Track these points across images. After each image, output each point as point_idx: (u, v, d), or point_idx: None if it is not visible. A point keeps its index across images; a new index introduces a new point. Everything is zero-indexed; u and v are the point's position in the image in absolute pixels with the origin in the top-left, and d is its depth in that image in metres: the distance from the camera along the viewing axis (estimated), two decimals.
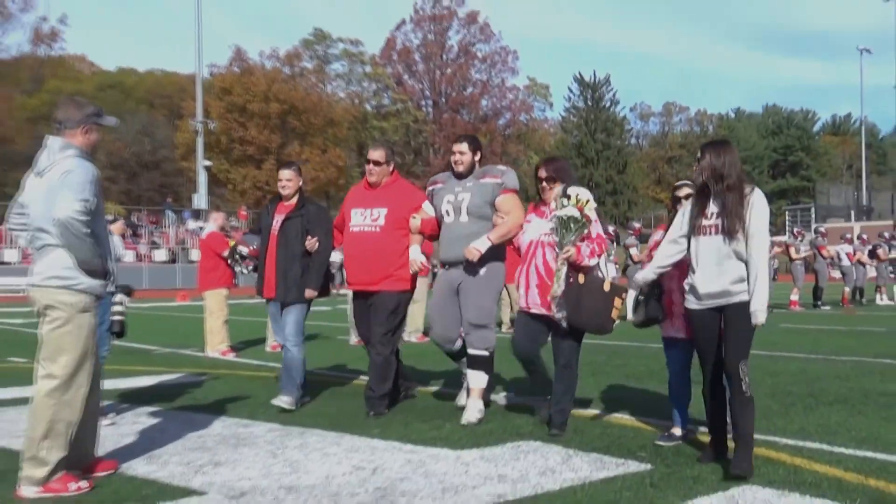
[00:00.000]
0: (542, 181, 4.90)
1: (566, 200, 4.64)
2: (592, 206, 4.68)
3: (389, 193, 5.60)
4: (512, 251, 5.19)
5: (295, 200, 5.87)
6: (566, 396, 4.79)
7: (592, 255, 4.68)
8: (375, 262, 5.45)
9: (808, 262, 17.88)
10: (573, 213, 4.60)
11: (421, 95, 54.84)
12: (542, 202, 4.94)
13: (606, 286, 4.60)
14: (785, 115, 73.31)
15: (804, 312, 15.92)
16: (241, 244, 6.09)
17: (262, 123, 44.55)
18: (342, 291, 16.59)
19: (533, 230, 4.90)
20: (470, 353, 5.19)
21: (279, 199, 5.95)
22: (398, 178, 5.81)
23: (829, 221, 45.04)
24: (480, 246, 5.00)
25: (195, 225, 34.57)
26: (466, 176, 5.29)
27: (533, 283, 4.81)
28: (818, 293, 17.42)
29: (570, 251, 4.60)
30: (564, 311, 4.58)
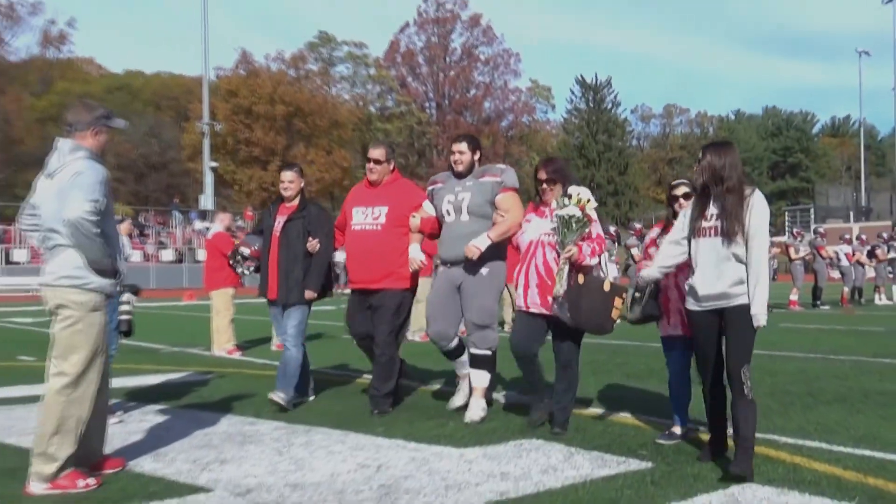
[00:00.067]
0: (542, 182, 4.89)
1: (567, 200, 4.65)
2: (593, 205, 4.68)
3: (390, 192, 5.61)
4: (513, 250, 5.16)
5: (297, 202, 5.85)
6: (567, 395, 4.81)
7: (593, 254, 4.69)
8: (376, 260, 5.45)
9: (807, 262, 17.85)
10: (575, 212, 4.60)
11: (424, 97, 54.79)
12: (542, 203, 4.93)
13: (606, 286, 4.59)
14: (784, 116, 73.22)
15: (803, 312, 15.91)
16: (242, 245, 6.06)
17: (267, 125, 44.57)
18: (346, 291, 16.58)
19: (533, 230, 4.89)
20: (472, 352, 5.20)
21: (281, 200, 5.93)
22: (399, 176, 5.81)
23: (828, 222, 44.81)
24: (480, 244, 4.98)
25: (202, 225, 34.64)
26: (466, 175, 5.28)
27: (533, 282, 4.80)
28: (817, 293, 17.41)
29: (571, 250, 4.61)
30: (567, 310, 4.58)
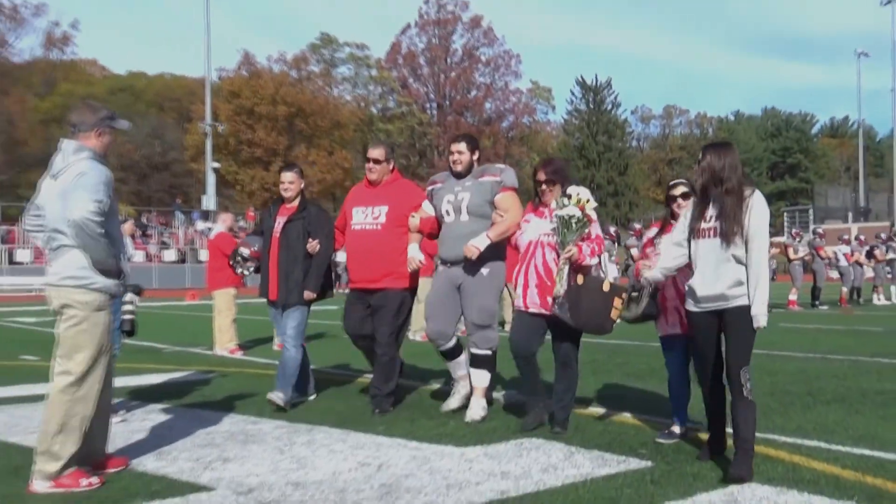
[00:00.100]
0: (540, 183, 4.89)
1: (567, 200, 4.66)
2: (593, 205, 4.70)
3: (390, 191, 5.62)
4: (512, 250, 5.16)
5: (297, 203, 5.85)
6: (567, 395, 4.83)
7: (592, 254, 4.71)
8: (377, 260, 5.46)
9: (806, 262, 17.89)
10: (574, 212, 4.61)
11: (426, 98, 54.87)
12: (541, 203, 4.93)
13: (606, 286, 4.60)
14: (784, 117, 73.22)
15: (802, 312, 15.93)
16: (242, 246, 6.06)
17: (269, 126, 44.65)
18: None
19: (532, 230, 4.89)
20: (473, 352, 5.21)
21: (281, 201, 5.93)
22: (399, 176, 5.82)
23: (826, 223, 44.76)
24: (479, 244, 4.98)
25: (204, 225, 34.67)
26: (465, 175, 5.28)
27: (532, 283, 4.81)
28: (816, 293, 17.44)
29: (571, 250, 4.62)
30: (567, 310, 4.59)
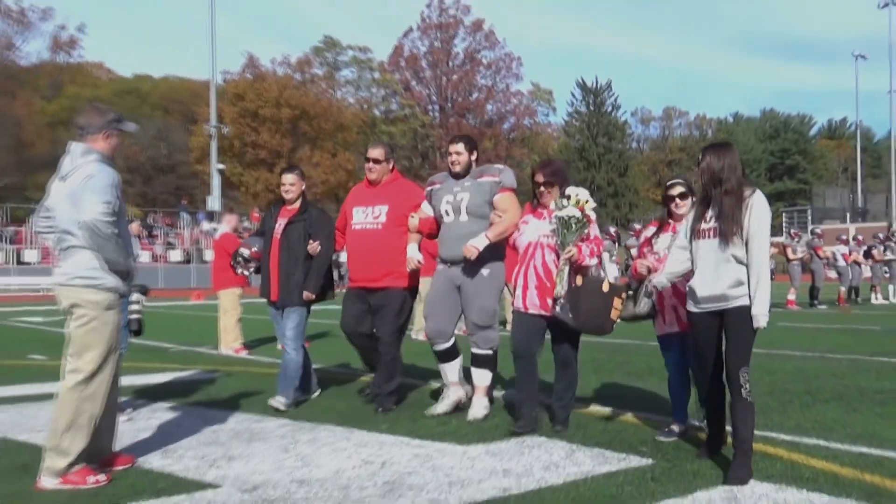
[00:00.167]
0: (539, 185, 4.90)
1: (566, 200, 4.68)
2: (592, 205, 4.71)
3: (390, 191, 5.65)
4: (511, 250, 5.15)
5: (298, 204, 5.85)
6: (568, 393, 4.86)
7: (592, 255, 4.72)
8: (377, 259, 5.49)
9: (804, 262, 17.94)
10: (574, 212, 4.63)
11: (428, 101, 54.92)
12: (539, 205, 4.94)
13: (605, 286, 4.61)
14: (782, 119, 73.10)
15: (801, 311, 15.99)
16: (242, 247, 6.07)
17: (273, 128, 44.70)
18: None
19: (531, 231, 4.90)
20: (474, 352, 5.24)
21: (282, 202, 5.94)
22: (399, 176, 5.85)
23: (825, 223, 44.75)
24: (478, 244, 4.99)
25: (209, 226, 34.75)
26: (464, 176, 5.29)
27: (532, 284, 4.82)
28: (815, 293, 17.48)
29: (572, 251, 4.64)
30: (568, 311, 4.60)
